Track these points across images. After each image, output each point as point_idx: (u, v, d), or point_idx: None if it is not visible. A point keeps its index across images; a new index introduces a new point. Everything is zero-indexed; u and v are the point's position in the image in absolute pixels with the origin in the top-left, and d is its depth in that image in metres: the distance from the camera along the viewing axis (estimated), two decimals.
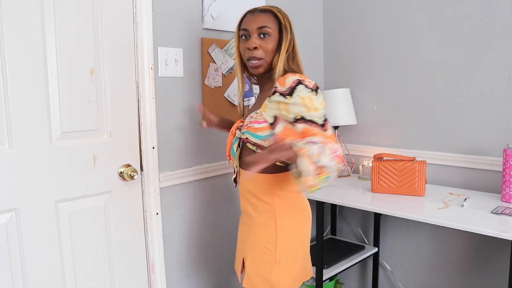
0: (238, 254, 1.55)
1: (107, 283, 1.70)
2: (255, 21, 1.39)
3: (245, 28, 1.40)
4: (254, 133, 1.34)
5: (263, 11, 1.41)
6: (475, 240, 2.03)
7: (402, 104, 2.23)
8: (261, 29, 1.38)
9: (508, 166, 1.72)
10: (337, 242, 2.37)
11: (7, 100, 1.39)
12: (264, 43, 1.38)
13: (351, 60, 2.43)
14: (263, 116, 1.34)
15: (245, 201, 1.45)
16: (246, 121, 1.40)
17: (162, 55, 1.77)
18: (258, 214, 1.41)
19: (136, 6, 1.68)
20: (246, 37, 1.41)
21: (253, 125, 1.35)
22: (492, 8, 1.90)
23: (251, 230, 1.43)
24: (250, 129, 1.35)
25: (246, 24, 1.40)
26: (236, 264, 1.57)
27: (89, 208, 1.62)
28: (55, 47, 1.48)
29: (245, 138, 1.37)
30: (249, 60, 1.41)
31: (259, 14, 1.40)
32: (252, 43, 1.38)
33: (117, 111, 1.67)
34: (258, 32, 1.38)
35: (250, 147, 1.37)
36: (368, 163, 2.22)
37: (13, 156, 1.42)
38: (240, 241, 1.53)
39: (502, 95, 1.91)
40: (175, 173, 1.87)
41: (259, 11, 1.41)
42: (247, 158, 1.22)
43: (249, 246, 1.43)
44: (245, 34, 1.41)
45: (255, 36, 1.38)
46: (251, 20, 1.40)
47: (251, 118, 1.37)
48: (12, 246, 1.43)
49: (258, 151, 1.35)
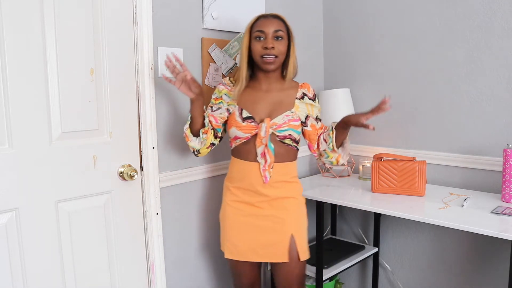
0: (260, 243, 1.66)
1: (107, 283, 1.70)
2: (271, 24, 1.59)
3: (261, 30, 1.59)
4: (296, 129, 1.64)
5: (275, 17, 1.62)
6: (475, 240, 2.03)
7: (402, 104, 2.23)
8: (276, 32, 1.59)
9: (508, 166, 1.72)
10: (337, 242, 2.37)
11: (7, 100, 1.39)
12: (278, 44, 1.59)
13: (351, 60, 2.43)
14: (297, 115, 1.65)
15: (280, 189, 1.65)
16: (279, 120, 1.61)
17: (162, 55, 1.77)
18: (296, 194, 1.70)
19: (136, 6, 1.68)
20: (261, 38, 1.59)
21: (293, 123, 1.63)
22: (492, 8, 1.90)
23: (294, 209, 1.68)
24: (292, 126, 1.62)
25: (263, 27, 1.59)
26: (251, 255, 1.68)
27: (89, 208, 1.62)
28: (55, 47, 1.48)
29: (287, 134, 1.62)
30: (263, 56, 1.58)
31: (273, 19, 1.61)
32: (269, 43, 1.57)
33: (117, 111, 1.67)
34: (273, 35, 1.59)
35: (287, 143, 1.64)
36: (368, 163, 2.22)
37: (13, 156, 1.42)
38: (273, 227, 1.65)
39: (502, 95, 1.91)
40: (175, 173, 1.87)
41: (272, 17, 1.62)
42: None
43: (298, 222, 1.69)
44: (260, 35, 1.59)
45: (271, 38, 1.58)
46: (267, 23, 1.59)
47: (287, 117, 1.62)
48: (12, 246, 1.43)
49: (293, 145, 1.66)
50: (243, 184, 1.66)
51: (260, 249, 1.66)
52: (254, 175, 1.63)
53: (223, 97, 1.70)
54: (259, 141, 1.60)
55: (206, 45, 1.92)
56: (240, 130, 1.62)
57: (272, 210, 1.65)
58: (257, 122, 1.62)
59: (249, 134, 1.62)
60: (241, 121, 1.62)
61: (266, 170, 1.62)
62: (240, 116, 1.63)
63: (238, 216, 1.68)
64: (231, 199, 1.69)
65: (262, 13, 1.63)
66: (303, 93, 1.69)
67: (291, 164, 1.70)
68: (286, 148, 1.66)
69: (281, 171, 1.65)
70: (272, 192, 1.65)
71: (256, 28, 1.60)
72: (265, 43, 1.57)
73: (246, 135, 1.62)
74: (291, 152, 1.69)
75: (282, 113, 1.63)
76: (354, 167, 2.41)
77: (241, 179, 1.66)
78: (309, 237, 1.75)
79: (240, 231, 1.68)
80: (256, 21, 1.62)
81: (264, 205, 1.65)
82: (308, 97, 1.69)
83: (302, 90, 1.69)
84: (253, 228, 1.66)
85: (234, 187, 1.69)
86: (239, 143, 1.66)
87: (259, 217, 1.66)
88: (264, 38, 1.58)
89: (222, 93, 1.70)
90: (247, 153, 1.64)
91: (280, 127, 1.61)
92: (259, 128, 1.60)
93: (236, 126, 1.63)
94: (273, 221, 1.65)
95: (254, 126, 1.61)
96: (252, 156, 1.63)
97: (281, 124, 1.61)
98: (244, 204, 1.67)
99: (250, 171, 1.64)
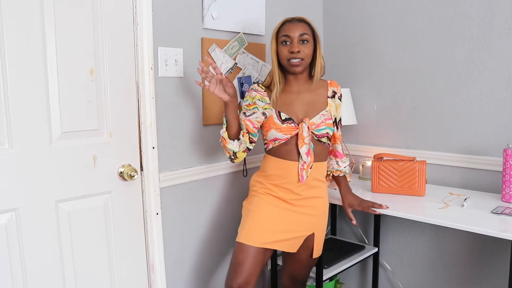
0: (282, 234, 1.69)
1: (107, 283, 1.70)
2: (296, 29, 1.62)
3: (287, 35, 1.62)
4: (331, 127, 1.71)
5: (300, 21, 1.65)
6: (475, 240, 2.03)
7: (402, 104, 2.23)
8: (301, 36, 1.62)
9: (508, 166, 1.72)
10: (337, 242, 2.37)
11: (7, 100, 1.39)
12: (304, 48, 1.62)
13: (351, 60, 2.43)
14: (331, 113, 1.71)
15: (314, 189, 1.71)
16: (317, 120, 1.67)
17: (162, 55, 1.77)
18: (326, 194, 1.77)
19: (136, 6, 1.68)
20: (287, 42, 1.62)
21: (329, 121, 1.69)
22: (492, 8, 1.90)
23: (323, 211, 1.76)
24: (328, 125, 1.69)
25: (288, 31, 1.62)
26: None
27: (89, 208, 1.63)
28: (55, 47, 1.48)
29: (325, 133, 1.69)
30: (290, 60, 1.62)
31: (298, 23, 1.63)
32: (295, 47, 1.60)
33: (117, 111, 1.67)
34: (299, 39, 1.61)
35: (323, 141, 1.70)
36: (368, 163, 2.22)
37: (13, 156, 1.42)
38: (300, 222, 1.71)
39: (502, 95, 1.91)
40: (175, 173, 1.87)
41: (297, 21, 1.64)
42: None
43: (323, 224, 1.77)
44: (286, 40, 1.62)
45: (296, 41, 1.61)
46: (292, 28, 1.62)
47: (323, 116, 1.68)
48: (12, 246, 1.43)
49: (328, 142, 1.73)
50: (280, 181, 1.68)
51: (279, 239, 1.67)
52: (292, 173, 1.67)
53: (256, 102, 1.70)
54: (301, 141, 1.63)
55: (206, 45, 1.92)
56: (280, 132, 1.65)
57: (304, 208, 1.70)
58: (296, 123, 1.65)
59: (289, 135, 1.65)
60: (281, 123, 1.65)
61: (303, 170, 1.65)
62: (278, 118, 1.65)
63: (269, 205, 1.69)
64: (265, 191, 1.71)
65: (287, 17, 1.68)
66: (333, 91, 1.74)
67: (324, 164, 1.77)
68: (322, 147, 1.72)
69: (317, 171, 1.70)
70: (306, 192, 1.69)
71: (282, 33, 1.63)
72: (291, 47, 1.61)
73: (286, 136, 1.65)
74: (325, 150, 1.75)
75: (318, 113, 1.68)
76: (354, 167, 2.41)
77: (279, 176, 1.69)
78: None
79: (266, 219, 1.67)
80: (282, 26, 1.65)
81: (297, 203, 1.69)
82: (337, 96, 1.75)
83: (332, 89, 1.74)
84: (280, 221, 1.67)
85: (269, 183, 1.71)
86: (278, 144, 1.67)
87: (289, 212, 1.69)
88: (290, 42, 1.62)
89: (255, 99, 1.70)
90: (287, 153, 1.67)
91: (319, 126, 1.66)
92: (299, 128, 1.63)
93: (276, 128, 1.65)
94: (302, 220, 1.70)
95: (294, 127, 1.64)
96: (292, 155, 1.66)
97: (319, 124, 1.66)
98: (277, 198, 1.69)
99: (288, 169, 1.67)
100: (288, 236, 1.69)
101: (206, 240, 2.04)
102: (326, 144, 1.73)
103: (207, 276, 2.08)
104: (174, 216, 1.90)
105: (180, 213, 1.92)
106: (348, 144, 2.46)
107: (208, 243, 2.05)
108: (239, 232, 1.68)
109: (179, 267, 1.94)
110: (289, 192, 1.68)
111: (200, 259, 2.03)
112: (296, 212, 1.69)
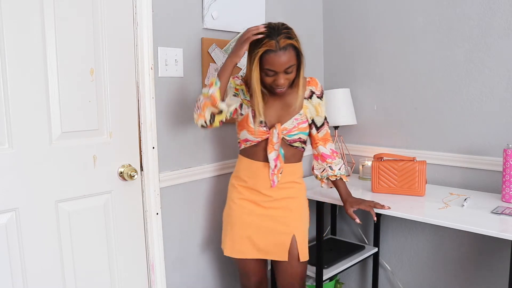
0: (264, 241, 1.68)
1: (107, 283, 1.70)
2: (281, 63, 1.48)
3: (271, 70, 1.49)
4: (304, 131, 1.66)
5: (285, 49, 1.47)
6: (475, 240, 2.03)
7: (402, 104, 2.23)
8: (287, 69, 1.50)
9: (508, 166, 1.72)
10: (337, 242, 2.37)
11: (7, 100, 1.39)
12: (289, 76, 1.54)
13: (351, 60, 2.43)
14: (305, 116, 1.65)
15: (286, 190, 1.67)
16: (289, 125, 1.62)
17: (162, 55, 1.77)
18: (300, 194, 1.73)
19: (136, 6, 1.68)
20: (271, 74, 1.51)
21: (302, 125, 1.64)
22: (492, 8, 1.90)
23: (298, 210, 1.71)
24: (301, 129, 1.64)
25: (273, 66, 1.48)
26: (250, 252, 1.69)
27: (89, 208, 1.63)
28: (55, 47, 1.48)
29: (297, 138, 1.65)
30: (275, 88, 1.55)
31: (283, 53, 1.47)
32: (281, 80, 1.51)
33: (117, 111, 1.67)
34: (284, 71, 1.51)
35: (296, 145, 1.66)
36: (368, 163, 2.22)
37: (13, 156, 1.42)
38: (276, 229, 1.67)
39: (502, 95, 1.91)
40: (175, 173, 1.87)
41: (282, 50, 1.46)
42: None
43: (301, 224, 1.70)
44: (270, 73, 1.51)
45: (282, 75, 1.51)
46: (276, 62, 1.47)
47: (296, 120, 1.63)
48: (12, 246, 1.43)
49: (302, 146, 1.68)
50: (250, 183, 1.67)
51: (262, 247, 1.67)
52: (262, 175, 1.65)
53: (239, 90, 1.66)
54: (271, 146, 1.61)
55: (206, 45, 1.92)
56: (251, 135, 1.64)
57: (276, 210, 1.67)
58: (268, 127, 1.63)
59: (260, 139, 1.63)
60: (254, 125, 1.63)
61: (274, 175, 1.64)
62: (253, 119, 1.63)
63: (243, 215, 1.68)
64: (237, 197, 1.70)
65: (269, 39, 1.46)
66: (311, 91, 1.67)
67: (298, 165, 1.73)
68: (295, 151, 1.69)
69: (288, 173, 1.67)
70: (278, 193, 1.67)
71: (266, 65, 1.49)
72: (276, 79, 1.52)
73: (257, 139, 1.64)
74: (299, 153, 1.72)
75: (292, 117, 1.63)
76: (354, 167, 2.41)
77: (249, 178, 1.68)
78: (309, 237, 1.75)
79: (243, 229, 1.68)
80: (265, 55, 1.47)
81: (269, 205, 1.67)
82: (316, 96, 1.68)
83: (310, 88, 1.67)
84: (256, 228, 1.67)
85: (240, 186, 1.70)
86: (249, 145, 1.67)
87: (263, 217, 1.67)
88: (274, 75, 1.52)
89: (241, 87, 1.66)
90: (256, 154, 1.66)
91: (290, 132, 1.63)
92: (270, 134, 1.61)
93: (248, 130, 1.64)
94: (277, 221, 1.67)
95: (265, 131, 1.63)
96: (261, 156, 1.65)
97: (291, 129, 1.63)
98: (249, 202, 1.68)
99: (258, 171, 1.65)
100: (267, 242, 1.67)
101: (206, 240, 2.04)
102: (300, 148, 1.69)
103: (207, 276, 2.07)
104: (174, 216, 1.90)
105: (180, 213, 1.92)
106: (348, 144, 2.46)
107: (208, 243, 2.05)
108: (223, 241, 1.75)
109: (179, 267, 1.94)
110: (259, 194, 1.67)
111: (200, 259, 2.03)
112: (269, 216, 1.67)
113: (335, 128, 2.35)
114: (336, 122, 2.28)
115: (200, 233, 2.02)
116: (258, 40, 1.48)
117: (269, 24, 1.51)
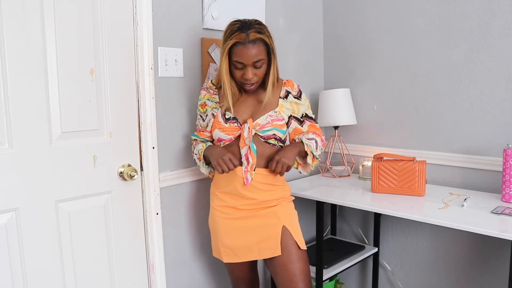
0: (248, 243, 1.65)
1: (107, 283, 1.70)
2: (249, 55, 1.50)
3: (239, 62, 1.51)
4: (280, 129, 1.62)
5: (254, 42, 1.49)
6: (475, 240, 2.03)
7: (402, 104, 2.23)
8: (255, 63, 1.52)
9: (508, 166, 1.72)
10: (337, 242, 2.37)
11: (7, 100, 1.39)
12: (258, 71, 1.55)
13: (351, 60, 2.43)
14: (281, 114, 1.63)
15: (263, 192, 1.63)
16: (262, 120, 1.60)
17: (162, 55, 1.77)
18: (285, 195, 1.69)
19: (136, 6, 1.68)
20: (240, 67, 1.54)
21: (277, 122, 1.61)
22: (492, 8, 1.90)
23: (284, 208, 1.66)
24: (276, 126, 1.61)
25: (241, 58, 1.50)
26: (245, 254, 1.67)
27: (89, 208, 1.63)
28: (55, 47, 1.48)
29: (271, 134, 1.61)
30: (244, 83, 1.57)
31: (252, 46, 1.49)
32: (249, 74, 1.53)
33: (117, 111, 1.67)
34: (253, 65, 1.52)
35: (272, 143, 1.63)
36: (368, 163, 2.22)
37: (13, 156, 1.42)
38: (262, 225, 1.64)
39: (502, 95, 1.91)
40: (175, 173, 1.87)
41: (251, 43, 1.49)
42: (279, 163, 1.56)
43: (290, 217, 1.66)
44: (239, 66, 1.53)
45: (251, 68, 1.53)
46: (245, 54, 1.50)
47: (270, 117, 1.61)
48: (12, 246, 1.43)
49: (279, 144, 1.64)
50: (229, 188, 1.64)
51: (255, 245, 1.64)
52: (238, 178, 1.61)
53: (206, 102, 1.69)
54: (242, 142, 1.59)
55: (206, 45, 1.92)
56: (223, 132, 1.61)
57: (260, 211, 1.64)
58: (240, 123, 1.61)
59: (232, 136, 1.61)
60: (224, 122, 1.61)
61: (247, 172, 1.59)
62: (223, 117, 1.62)
63: (227, 220, 1.66)
64: (219, 204, 1.68)
65: (240, 34, 1.49)
66: (286, 91, 1.66)
67: None
68: (272, 149, 1.64)
69: (268, 177, 1.63)
70: (260, 195, 1.63)
71: (234, 57, 1.51)
72: (244, 73, 1.54)
73: (229, 136, 1.61)
74: (275, 152, 1.64)
75: (265, 114, 1.61)
76: (354, 167, 2.41)
77: (227, 184, 1.65)
78: (309, 237, 1.76)
79: (232, 233, 1.66)
80: (234, 47, 1.51)
81: (251, 207, 1.64)
82: (292, 95, 1.67)
83: (286, 88, 1.67)
84: (244, 229, 1.64)
85: (220, 192, 1.68)
86: (223, 146, 1.64)
87: (248, 218, 1.64)
88: (243, 68, 1.53)
89: (205, 98, 1.70)
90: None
91: (264, 128, 1.60)
92: (241, 129, 1.59)
93: (219, 128, 1.62)
94: (262, 217, 1.63)
95: (237, 127, 1.60)
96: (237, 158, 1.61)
97: (264, 125, 1.60)
98: (231, 208, 1.66)
99: (234, 173, 1.61)
100: (257, 240, 1.63)
101: (206, 240, 2.04)
102: (278, 146, 1.64)
103: (207, 276, 2.07)
104: (174, 216, 1.90)
105: (180, 213, 1.92)
106: (348, 144, 2.46)
107: (208, 243, 2.05)
108: (212, 245, 1.76)
109: (179, 267, 1.94)
110: (239, 198, 1.63)
111: (200, 259, 2.03)
112: (253, 215, 1.63)
113: (335, 128, 2.35)
114: (336, 122, 2.28)
115: (200, 233, 2.02)
116: (229, 33, 1.51)
117: (243, 19, 1.55)
